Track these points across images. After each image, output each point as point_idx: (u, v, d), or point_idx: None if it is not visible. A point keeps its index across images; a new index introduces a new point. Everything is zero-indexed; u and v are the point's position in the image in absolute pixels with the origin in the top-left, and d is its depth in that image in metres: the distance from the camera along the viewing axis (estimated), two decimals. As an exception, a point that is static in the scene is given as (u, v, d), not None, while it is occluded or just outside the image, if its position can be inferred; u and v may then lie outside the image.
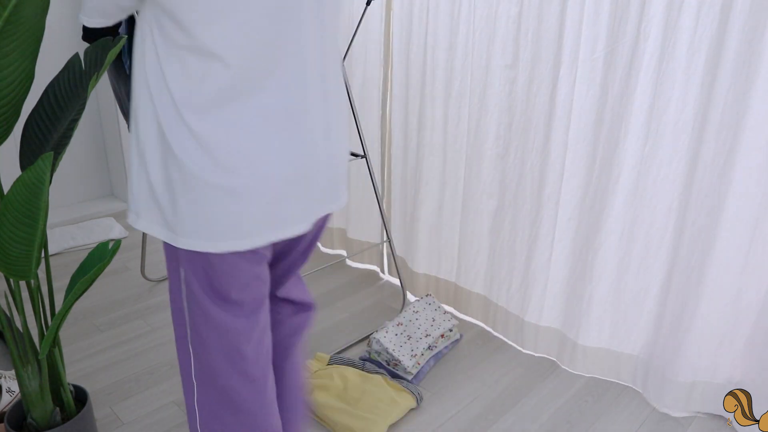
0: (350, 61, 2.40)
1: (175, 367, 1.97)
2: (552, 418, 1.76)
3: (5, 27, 1.18)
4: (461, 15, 1.98)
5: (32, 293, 1.39)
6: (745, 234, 1.57)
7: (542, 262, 1.99)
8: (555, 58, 1.80)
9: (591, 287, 1.86)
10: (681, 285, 1.70)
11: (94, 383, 1.89)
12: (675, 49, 1.56)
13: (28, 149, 1.40)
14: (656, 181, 1.69)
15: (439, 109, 2.16)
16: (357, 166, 2.53)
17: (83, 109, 1.35)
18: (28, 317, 2.19)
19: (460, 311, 2.33)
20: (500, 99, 1.97)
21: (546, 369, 1.99)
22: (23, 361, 1.38)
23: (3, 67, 1.22)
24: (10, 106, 1.27)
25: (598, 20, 1.67)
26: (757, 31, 1.42)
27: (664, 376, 1.77)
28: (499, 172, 2.05)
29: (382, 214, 2.30)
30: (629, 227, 1.77)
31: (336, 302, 2.41)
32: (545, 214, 1.95)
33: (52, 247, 2.78)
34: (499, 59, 1.93)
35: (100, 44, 1.46)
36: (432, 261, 2.37)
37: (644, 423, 1.75)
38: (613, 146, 1.73)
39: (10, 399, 1.65)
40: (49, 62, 2.77)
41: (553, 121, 1.85)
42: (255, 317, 1.13)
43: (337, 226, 2.79)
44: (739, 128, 1.49)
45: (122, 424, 1.72)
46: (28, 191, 1.19)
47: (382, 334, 1.95)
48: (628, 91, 1.66)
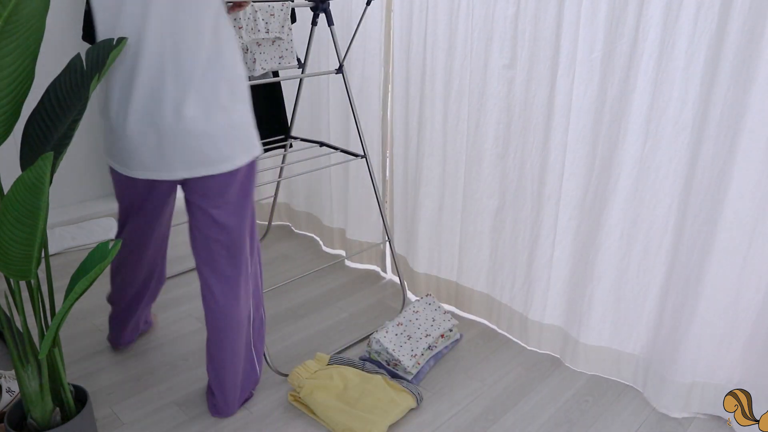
0: (350, 62, 2.40)
1: (176, 367, 1.98)
2: (552, 417, 1.77)
3: (5, 27, 1.18)
4: (460, 15, 1.99)
5: (32, 293, 1.39)
6: (744, 234, 1.57)
7: (544, 260, 1.99)
8: (553, 58, 1.80)
9: (592, 286, 1.87)
10: (680, 285, 1.70)
11: (94, 383, 1.89)
12: (674, 49, 1.57)
13: (28, 149, 1.40)
14: (656, 181, 1.69)
15: (438, 108, 2.16)
16: (357, 166, 2.53)
17: (84, 109, 1.35)
18: (28, 317, 2.19)
19: (462, 310, 2.33)
20: (499, 99, 1.97)
21: (548, 367, 1.99)
22: (23, 361, 1.38)
23: (3, 67, 1.22)
24: (10, 106, 1.27)
25: (595, 20, 1.67)
26: (756, 31, 1.42)
27: (664, 376, 1.77)
28: (499, 172, 2.05)
29: (383, 213, 2.30)
30: (629, 227, 1.77)
31: (336, 302, 2.41)
32: (546, 214, 1.95)
33: (52, 247, 2.78)
34: (498, 59, 1.93)
35: (102, 45, 1.46)
36: (433, 260, 2.37)
37: (644, 423, 1.75)
38: (613, 146, 1.73)
39: (10, 399, 1.66)
40: (49, 62, 2.77)
41: (553, 121, 1.85)
42: (133, 218, 1.66)
43: (337, 227, 2.79)
44: (738, 128, 1.49)
45: (122, 424, 1.72)
46: (28, 191, 1.19)
47: (382, 334, 1.95)
48: (627, 91, 1.66)
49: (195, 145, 1.40)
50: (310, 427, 1.71)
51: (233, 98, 1.43)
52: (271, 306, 2.37)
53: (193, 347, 2.08)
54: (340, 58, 2.20)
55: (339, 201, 2.73)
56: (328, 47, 2.48)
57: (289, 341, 2.14)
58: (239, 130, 1.45)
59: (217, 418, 1.73)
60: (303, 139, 2.50)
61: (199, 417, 1.74)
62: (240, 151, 1.46)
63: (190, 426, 1.71)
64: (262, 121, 2.51)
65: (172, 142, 1.40)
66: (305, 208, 3.00)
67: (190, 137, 1.39)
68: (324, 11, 2.14)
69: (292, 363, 2.00)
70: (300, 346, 2.11)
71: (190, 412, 1.77)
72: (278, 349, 2.09)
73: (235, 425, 1.71)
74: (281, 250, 2.89)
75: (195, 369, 1.96)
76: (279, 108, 2.53)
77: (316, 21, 2.29)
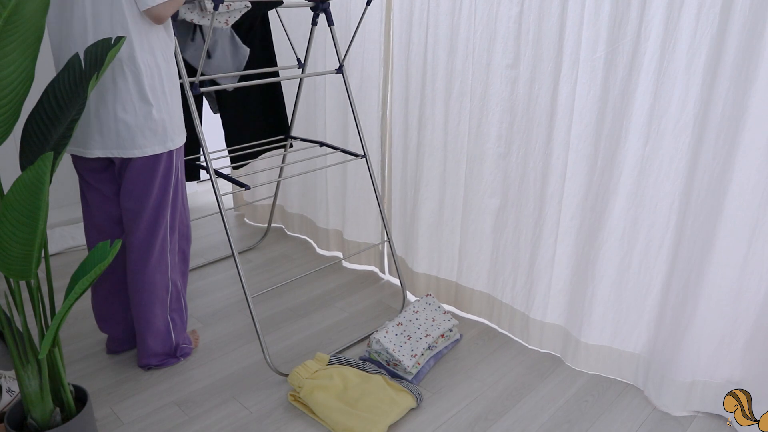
0: (349, 61, 2.40)
1: (176, 367, 1.98)
2: (553, 417, 1.76)
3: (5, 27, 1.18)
4: (462, 15, 1.99)
5: (32, 293, 1.39)
6: (744, 234, 1.57)
7: (546, 260, 1.99)
8: (556, 58, 1.80)
9: (593, 285, 1.87)
10: (681, 284, 1.70)
11: (94, 383, 1.89)
12: (675, 50, 1.57)
13: (28, 149, 1.40)
14: (657, 181, 1.69)
15: (439, 108, 2.16)
16: (355, 167, 2.53)
17: (83, 108, 1.35)
18: (28, 317, 2.19)
19: (462, 310, 2.33)
20: (502, 99, 1.97)
21: (548, 367, 1.99)
22: (23, 361, 1.38)
23: (3, 67, 1.22)
24: (10, 106, 1.27)
25: (598, 20, 1.67)
26: (757, 32, 1.42)
27: (665, 375, 1.77)
28: (502, 172, 2.05)
29: (382, 214, 2.30)
30: (630, 226, 1.77)
31: (336, 302, 2.41)
32: (548, 213, 1.95)
33: (52, 247, 2.78)
34: (500, 59, 1.93)
35: (100, 44, 1.46)
36: (432, 260, 2.37)
37: (644, 422, 1.75)
38: (615, 146, 1.73)
39: (10, 399, 1.65)
40: (49, 62, 2.76)
41: (555, 121, 1.85)
42: (89, 192, 1.81)
43: (333, 228, 2.79)
44: (739, 128, 1.49)
45: (122, 424, 1.72)
46: (28, 191, 1.19)
47: (382, 334, 1.95)
48: (629, 91, 1.66)
49: (113, 130, 1.64)
50: (310, 427, 1.71)
51: (153, 94, 1.63)
52: (271, 306, 2.37)
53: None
54: (340, 58, 2.20)
55: (336, 202, 2.73)
56: (325, 47, 2.48)
57: (289, 341, 2.14)
58: (155, 124, 1.67)
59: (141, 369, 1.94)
60: (303, 139, 2.49)
61: (199, 417, 1.74)
62: (153, 142, 1.68)
63: (190, 426, 1.71)
64: (262, 121, 2.52)
65: (97, 126, 1.64)
66: (299, 210, 2.99)
67: (110, 122, 1.63)
68: (324, 11, 2.14)
69: (292, 363, 2.00)
70: (300, 346, 2.10)
71: (190, 412, 1.77)
72: (278, 349, 2.09)
73: (235, 425, 1.71)
74: (281, 251, 2.89)
75: (195, 369, 1.96)
76: (279, 107, 2.54)
77: (316, 21, 2.29)
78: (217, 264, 2.73)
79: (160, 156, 1.71)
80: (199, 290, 2.49)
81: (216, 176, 1.88)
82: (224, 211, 1.88)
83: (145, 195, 1.73)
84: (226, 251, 2.85)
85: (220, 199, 1.86)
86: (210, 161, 1.87)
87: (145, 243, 1.79)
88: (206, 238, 3.01)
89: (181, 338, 1.98)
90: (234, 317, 2.28)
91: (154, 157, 1.70)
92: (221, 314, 2.30)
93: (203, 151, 1.87)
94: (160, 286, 1.86)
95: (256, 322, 1.89)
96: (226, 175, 1.92)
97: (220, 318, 2.28)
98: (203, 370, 1.95)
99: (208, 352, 2.06)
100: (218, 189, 1.86)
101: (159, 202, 1.76)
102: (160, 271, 1.84)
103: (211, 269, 2.68)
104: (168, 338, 1.94)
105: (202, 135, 1.86)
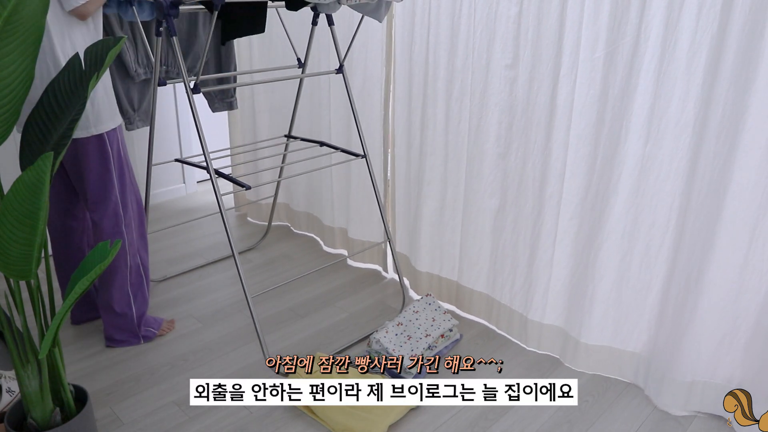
0: (352, 61, 2.40)
1: (176, 367, 1.98)
2: (553, 417, 1.76)
3: (5, 27, 1.18)
4: (462, 15, 1.99)
5: (32, 293, 1.39)
6: (744, 233, 1.57)
7: (545, 260, 1.99)
8: (555, 57, 1.80)
9: (593, 286, 1.87)
10: (681, 284, 1.70)
11: (94, 383, 1.89)
12: (675, 49, 1.56)
13: (28, 149, 1.40)
14: (657, 181, 1.69)
15: (441, 108, 2.16)
16: (359, 166, 2.53)
17: (83, 108, 1.35)
18: (28, 317, 2.19)
19: (462, 310, 2.33)
20: (501, 98, 1.97)
21: (547, 368, 1.99)
22: (23, 361, 1.38)
23: (3, 67, 1.22)
24: (10, 106, 1.27)
25: (598, 20, 1.67)
26: (757, 32, 1.42)
27: (665, 375, 1.77)
28: (501, 172, 2.05)
29: (382, 213, 2.30)
30: (630, 226, 1.77)
31: (336, 302, 2.41)
32: (547, 213, 1.95)
33: (52, 246, 2.77)
34: (500, 59, 1.93)
35: (100, 44, 1.46)
36: (435, 260, 2.37)
37: (645, 422, 1.75)
38: (614, 146, 1.73)
39: (10, 399, 1.65)
40: (49, 62, 2.76)
41: (554, 121, 1.85)
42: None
43: (339, 226, 2.79)
44: (739, 128, 1.49)
45: (122, 424, 1.72)
46: (28, 191, 1.19)
47: (382, 333, 1.95)
48: (629, 91, 1.66)
49: None
50: (310, 427, 1.71)
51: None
52: (272, 305, 2.37)
53: (193, 347, 2.08)
54: (341, 58, 2.20)
55: (341, 201, 2.73)
56: (329, 46, 2.48)
57: (290, 341, 2.14)
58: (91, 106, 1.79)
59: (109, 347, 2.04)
60: (303, 139, 2.49)
61: (199, 417, 1.74)
62: (80, 127, 1.78)
63: (190, 426, 1.71)
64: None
65: None
66: (305, 209, 2.99)
67: None
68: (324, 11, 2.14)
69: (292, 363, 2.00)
70: (300, 346, 2.10)
71: (190, 412, 1.77)
72: (278, 348, 2.09)
73: (235, 425, 1.71)
74: (282, 250, 2.89)
75: (195, 369, 1.96)
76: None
77: (316, 21, 2.29)
78: (217, 264, 2.73)
79: (88, 139, 1.80)
80: (199, 290, 2.49)
81: (216, 176, 1.88)
82: (224, 211, 1.88)
83: (85, 176, 1.85)
84: (226, 251, 2.85)
85: (220, 199, 1.86)
86: (210, 161, 1.87)
87: (97, 215, 1.92)
88: (206, 238, 3.01)
89: (142, 312, 2.07)
90: (234, 317, 2.28)
91: (84, 140, 1.80)
92: (221, 314, 2.30)
93: (203, 151, 1.87)
94: (120, 262, 1.97)
95: (256, 322, 1.89)
96: (227, 174, 1.92)
97: (220, 318, 2.28)
98: (203, 370, 1.95)
99: (208, 352, 2.06)
100: (218, 189, 1.86)
101: (103, 181, 1.88)
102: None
103: (211, 269, 2.68)
104: (129, 312, 2.03)
105: (202, 135, 1.86)
